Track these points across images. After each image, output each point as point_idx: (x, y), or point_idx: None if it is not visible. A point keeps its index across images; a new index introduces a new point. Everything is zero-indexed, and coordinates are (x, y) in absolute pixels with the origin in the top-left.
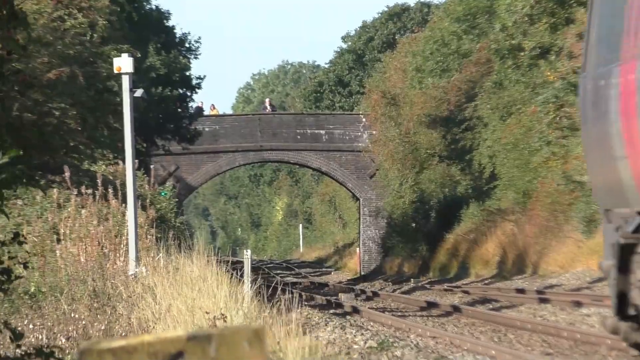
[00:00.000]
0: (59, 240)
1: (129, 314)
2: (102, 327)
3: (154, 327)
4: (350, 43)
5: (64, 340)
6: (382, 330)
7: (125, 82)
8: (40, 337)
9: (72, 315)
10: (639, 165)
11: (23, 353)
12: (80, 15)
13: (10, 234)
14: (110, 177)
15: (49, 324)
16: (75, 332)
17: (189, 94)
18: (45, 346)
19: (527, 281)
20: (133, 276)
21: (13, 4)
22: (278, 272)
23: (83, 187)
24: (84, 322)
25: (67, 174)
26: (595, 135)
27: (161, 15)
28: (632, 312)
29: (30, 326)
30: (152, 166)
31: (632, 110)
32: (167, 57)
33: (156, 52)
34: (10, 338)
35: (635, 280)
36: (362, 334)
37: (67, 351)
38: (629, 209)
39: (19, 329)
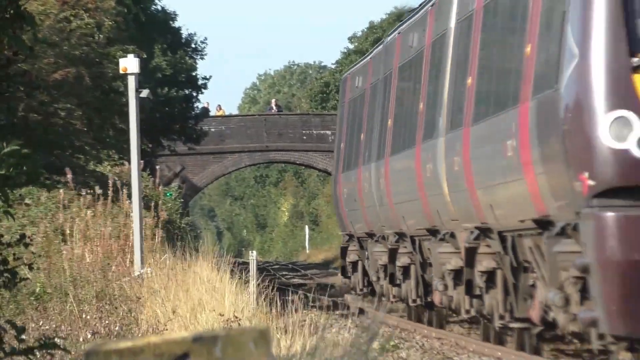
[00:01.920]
0: (64, 241)
1: (135, 315)
2: (109, 328)
3: (164, 328)
4: (357, 44)
5: (69, 341)
6: (387, 331)
7: (131, 82)
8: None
9: (79, 315)
10: (345, 214)
11: (26, 347)
12: (86, 16)
13: (16, 235)
14: (116, 178)
15: (53, 325)
16: (81, 333)
17: (195, 94)
18: (48, 338)
19: None
20: (139, 277)
21: (19, 4)
22: (284, 273)
23: (88, 187)
24: (91, 323)
25: (69, 176)
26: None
27: (167, 16)
28: (348, 275)
29: (35, 326)
30: (157, 167)
31: (339, 195)
32: (173, 58)
33: (162, 53)
34: (15, 336)
35: (347, 261)
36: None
37: (72, 351)
38: (345, 232)
39: (23, 326)
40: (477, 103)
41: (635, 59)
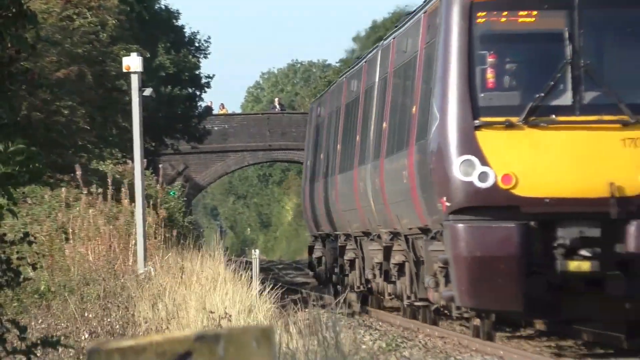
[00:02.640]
0: (67, 240)
1: (137, 313)
2: (111, 327)
3: (166, 327)
4: (360, 43)
5: (72, 340)
6: (390, 330)
7: (134, 81)
8: (48, 334)
9: (83, 314)
10: (310, 219)
11: (30, 344)
12: (89, 14)
13: (20, 234)
14: (119, 176)
15: (55, 323)
16: (83, 331)
17: (198, 93)
18: (51, 336)
19: None
20: (142, 276)
21: (21, 3)
22: (287, 272)
23: (92, 186)
24: (93, 323)
25: (78, 172)
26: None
27: (170, 15)
28: (314, 269)
29: (40, 325)
30: (160, 165)
31: (306, 203)
32: (177, 56)
33: (165, 51)
34: (18, 335)
35: (314, 257)
36: (371, 334)
37: (75, 350)
38: (312, 233)
39: (25, 325)
40: (388, 142)
41: (476, 121)
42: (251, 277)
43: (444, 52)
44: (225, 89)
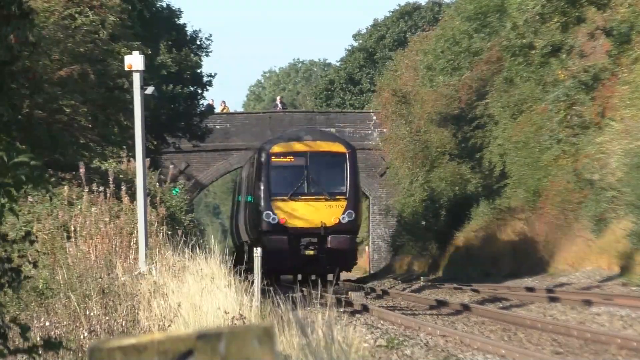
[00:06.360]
0: (69, 238)
1: (138, 312)
2: (112, 325)
3: (168, 325)
4: (361, 41)
5: (73, 338)
6: (392, 328)
7: (136, 79)
8: (49, 333)
9: (83, 312)
10: (235, 232)
11: (32, 345)
12: (91, 13)
13: (21, 233)
14: (121, 175)
15: (56, 320)
16: (83, 329)
17: (199, 91)
18: (54, 337)
19: (537, 280)
20: (143, 274)
21: (22, 3)
22: None
23: (94, 184)
24: (94, 321)
25: (82, 170)
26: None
27: (172, 13)
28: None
29: (40, 324)
30: (159, 162)
31: (233, 223)
32: (178, 55)
33: (167, 50)
34: (20, 334)
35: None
36: (372, 333)
37: (76, 349)
38: (232, 241)
39: (27, 324)
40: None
41: (272, 198)
42: (248, 276)
43: (259, 170)
44: (227, 87)
